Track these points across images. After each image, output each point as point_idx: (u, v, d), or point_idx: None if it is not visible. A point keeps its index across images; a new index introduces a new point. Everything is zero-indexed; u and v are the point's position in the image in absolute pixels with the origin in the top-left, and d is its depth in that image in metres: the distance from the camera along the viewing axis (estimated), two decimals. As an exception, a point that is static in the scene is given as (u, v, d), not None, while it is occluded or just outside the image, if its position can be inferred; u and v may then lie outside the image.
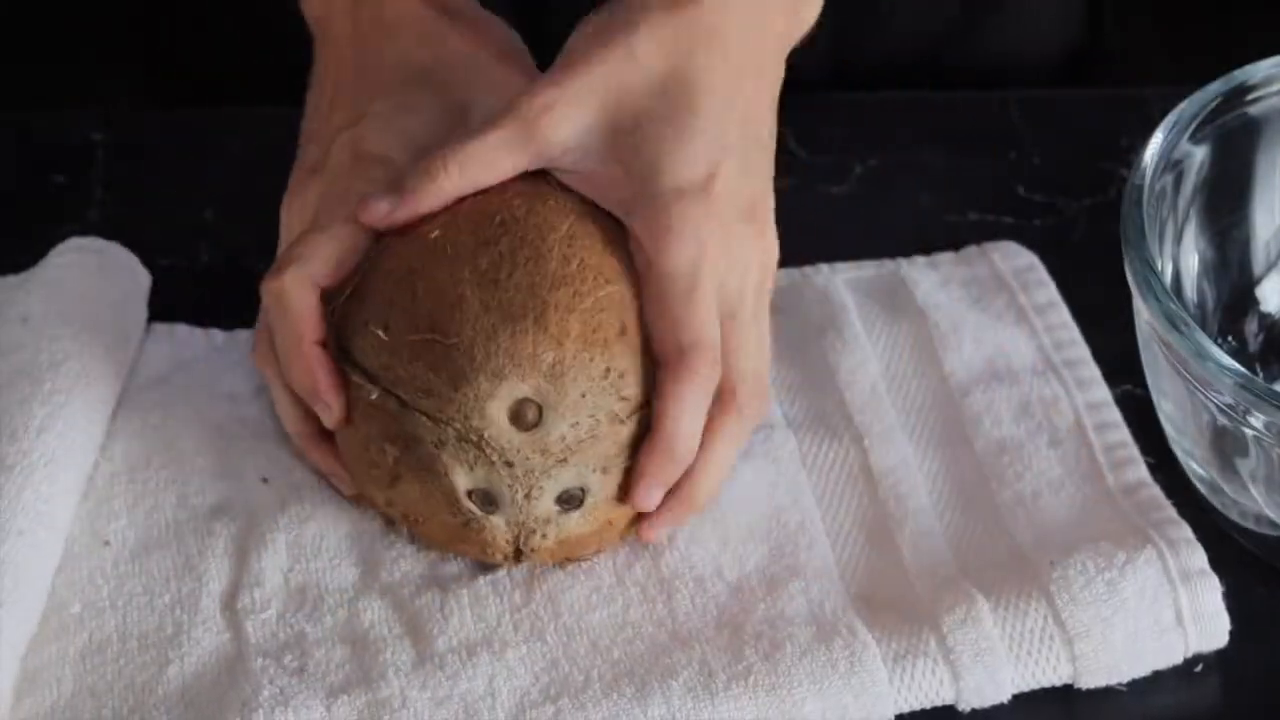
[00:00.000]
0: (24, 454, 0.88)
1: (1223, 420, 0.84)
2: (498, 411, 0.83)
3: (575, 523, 0.85)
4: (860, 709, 0.84)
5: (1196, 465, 0.88)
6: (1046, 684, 0.85)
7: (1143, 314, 0.86)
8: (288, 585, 0.87)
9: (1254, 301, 0.96)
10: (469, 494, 0.84)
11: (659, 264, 0.85)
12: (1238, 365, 0.82)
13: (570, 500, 0.84)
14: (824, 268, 1.00)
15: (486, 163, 0.87)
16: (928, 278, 0.99)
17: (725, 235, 0.86)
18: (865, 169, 1.05)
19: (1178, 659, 0.86)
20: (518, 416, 0.83)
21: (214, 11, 1.16)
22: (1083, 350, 0.96)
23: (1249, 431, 0.83)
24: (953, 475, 0.92)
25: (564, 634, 0.86)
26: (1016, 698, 0.85)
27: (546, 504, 0.84)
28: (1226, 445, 0.86)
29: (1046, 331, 0.97)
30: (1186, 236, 0.93)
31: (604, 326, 0.84)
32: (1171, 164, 0.90)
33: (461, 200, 0.87)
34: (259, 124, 1.04)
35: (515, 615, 0.86)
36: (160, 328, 0.97)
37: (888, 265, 1.01)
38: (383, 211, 0.86)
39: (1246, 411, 0.82)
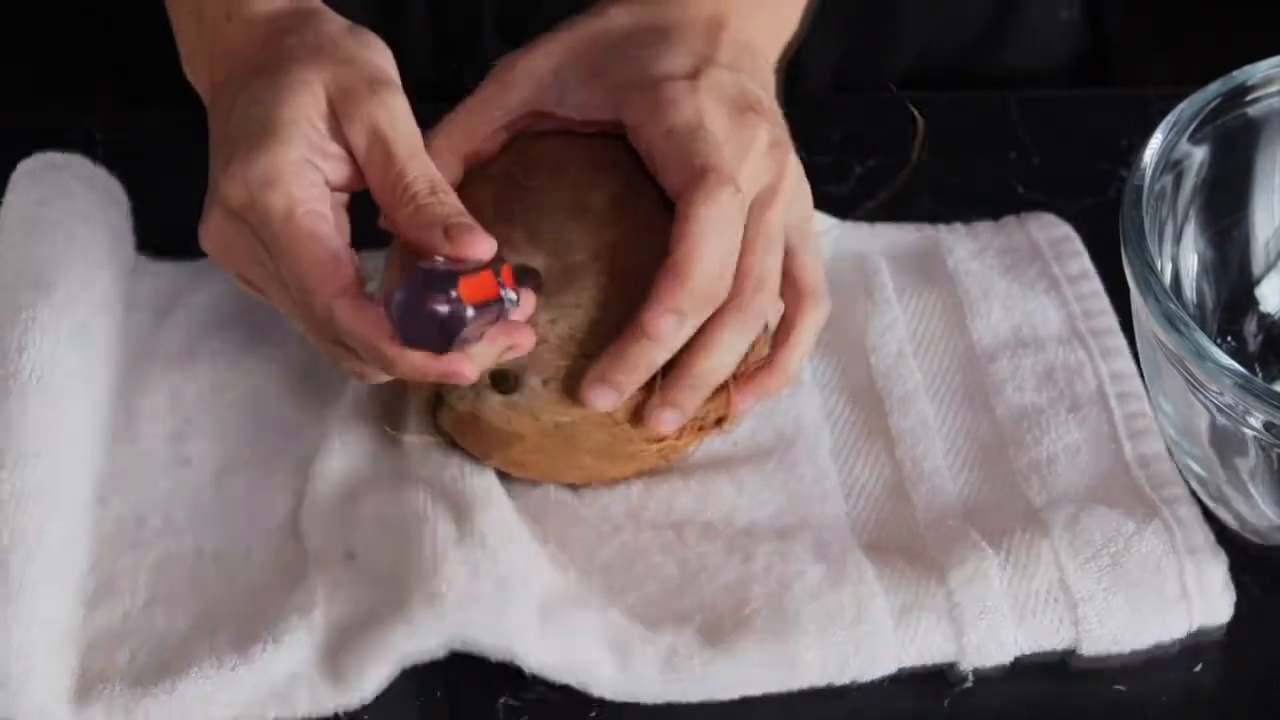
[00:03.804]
0: (13, 376, 0.89)
1: (1222, 420, 0.84)
2: None
3: (495, 407, 0.86)
4: (863, 660, 0.85)
5: (1196, 465, 0.88)
6: (1049, 647, 0.86)
7: (1142, 314, 0.86)
8: (343, 493, 0.90)
9: (1254, 301, 0.96)
10: None
11: (657, 126, 0.86)
12: (1237, 365, 0.82)
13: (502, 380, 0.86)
14: (865, 226, 1.01)
15: (471, 125, 0.89)
16: (964, 245, 1.01)
17: (718, 115, 0.86)
18: (865, 169, 1.05)
19: (1180, 633, 0.86)
20: None
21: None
22: (1111, 320, 0.97)
23: (1248, 431, 0.83)
24: (971, 439, 0.94)
25: (579, 572, 0.87)
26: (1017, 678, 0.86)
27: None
28: (1226, 445, 0.86)
29: (1077, 300, 0.98)
30: (1186, 236, 0.93)
31: (542, 223, 0.87)
32: (1171, 164, 0.90)
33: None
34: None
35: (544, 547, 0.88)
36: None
37: (926, 230, 1.02)
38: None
39: (1246, 411, 0.82)
